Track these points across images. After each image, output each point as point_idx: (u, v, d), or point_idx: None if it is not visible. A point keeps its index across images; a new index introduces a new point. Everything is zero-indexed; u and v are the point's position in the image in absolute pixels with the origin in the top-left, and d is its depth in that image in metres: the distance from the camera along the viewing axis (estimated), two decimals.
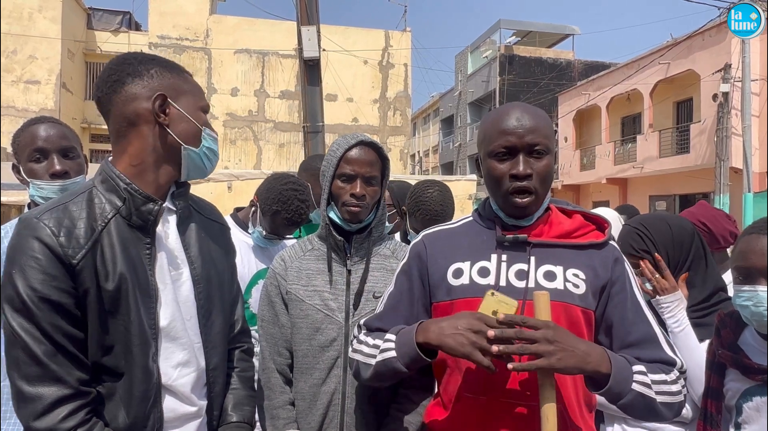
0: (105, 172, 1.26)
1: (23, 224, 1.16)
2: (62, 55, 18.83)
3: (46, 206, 1.20)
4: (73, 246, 1.14)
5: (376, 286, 1.65)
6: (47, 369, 1.11)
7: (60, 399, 1.11)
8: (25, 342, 1.10)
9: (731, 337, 1.54)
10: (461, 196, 13.08)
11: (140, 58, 1.30)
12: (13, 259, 1.13)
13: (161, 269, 1.27)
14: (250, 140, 19.37)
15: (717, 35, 15.95)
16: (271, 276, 1.74)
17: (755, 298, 1.40)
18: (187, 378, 1.29)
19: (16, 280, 1.11)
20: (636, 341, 1.34)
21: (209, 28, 19.19)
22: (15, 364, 1.11)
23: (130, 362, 1.19)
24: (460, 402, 1.35)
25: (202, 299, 1.35)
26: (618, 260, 1.40)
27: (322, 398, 1.61)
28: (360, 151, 1.64)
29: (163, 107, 1.26)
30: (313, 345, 1.63)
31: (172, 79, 1.29)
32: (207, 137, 1.33)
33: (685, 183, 18.07)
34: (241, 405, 1.43)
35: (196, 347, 1.32)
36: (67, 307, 1.13)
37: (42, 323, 1.11)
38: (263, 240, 2.36)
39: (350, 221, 1.65)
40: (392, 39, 20.55)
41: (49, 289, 1.11)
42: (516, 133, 1.33)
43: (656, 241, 1.88)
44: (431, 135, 40.39)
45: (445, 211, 2.49)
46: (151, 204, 1.25)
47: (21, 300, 1.10)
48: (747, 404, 1.46)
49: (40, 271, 1.11)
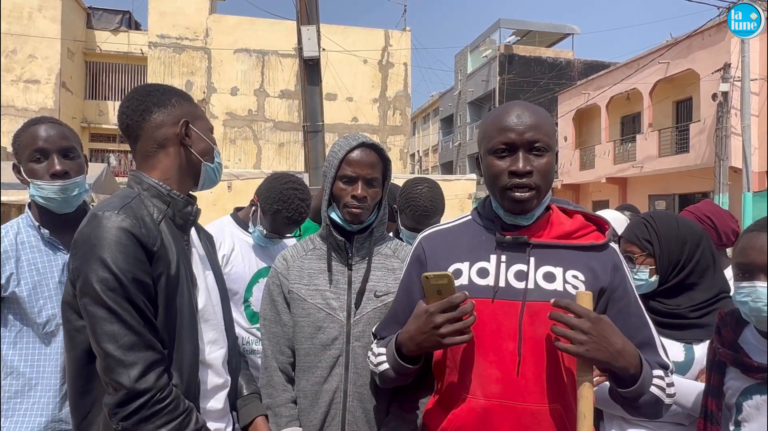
0: (145, 182, 1.45)
1: (102, 218, 1.30)
2: (62, 55, 18.83)
3: (111, 205, 1.34)
4: (151, 236, 1.34)
5: (377, 285, 1.66)
6: (142, 338, 1.27)
7: (154, 362, 1.28)
8: (121, 316, 1.25)
9: (731, 336, 1.55)
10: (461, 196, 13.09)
11: (161, 89, 1.51)
12: (101, 247, 1.27)
13: (195, 262, 1.51)
14: (250, 139, 19.37)
15: (716, 35, 15.95)
16: (274, 276, 1.75)
17: (754, 294, 1.42)
18: (217, 354, 1.50)
19: (110, 264, 1.26)
20: (637, 345, 1.36)
21: (209, 27, 19.19)
22: (111, 337, 1.25)
23: (182, 337, 1.38)
24: (458, 402, 1.35)
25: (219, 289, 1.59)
26: (617, 266, 1.40)
27: (324, 396, 1.62)
28: (361, 153, 1.64)
29: (187, 131, 1.48)
30: (314, 343, 1.64)
31: (188, 107, 1.52)
32: (217, 154, 1.58)
33: (685, 182, 18.08)
34: (251, 382, 1.74)
35: (222, 328, 1.55)
36: (149, 287, 1.32)
37: (135, 298, 1.28)
38: (264, 239, 2.37)
39: (351, 222, 1.66)
40: (392, 38, 20.56)
41: (138, 271, 1.29)
42: (516, 129, 1.32)
43: (660, 233, 1.89)
44: (431, 134, 40.40)
45: (435, 206, 2.48)
46: (190, 206, 1.49)
47: (117, 280, 1.26)
48: (747, 402, 1.47)
49: (131, 255, 1.28)
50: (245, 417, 1.64)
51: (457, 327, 1.26)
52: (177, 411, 1.30)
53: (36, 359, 1.74)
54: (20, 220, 1.85)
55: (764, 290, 1.40)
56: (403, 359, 1.39)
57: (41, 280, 1.75)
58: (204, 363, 1.46)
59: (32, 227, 1.82)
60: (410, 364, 1.39)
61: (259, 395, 1.69)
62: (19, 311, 1.74)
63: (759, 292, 1.41)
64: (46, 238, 1.81)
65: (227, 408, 1.55)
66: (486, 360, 1.31)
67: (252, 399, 1.67)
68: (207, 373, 1.47)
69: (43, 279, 1.75)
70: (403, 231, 2.60)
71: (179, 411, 1.30)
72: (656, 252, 1.89)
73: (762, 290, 1.41)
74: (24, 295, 1.72)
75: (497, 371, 1.31)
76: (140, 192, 1.44)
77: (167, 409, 1.28)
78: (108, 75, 21.45)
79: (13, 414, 1.71)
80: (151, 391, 1.26)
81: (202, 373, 1.45)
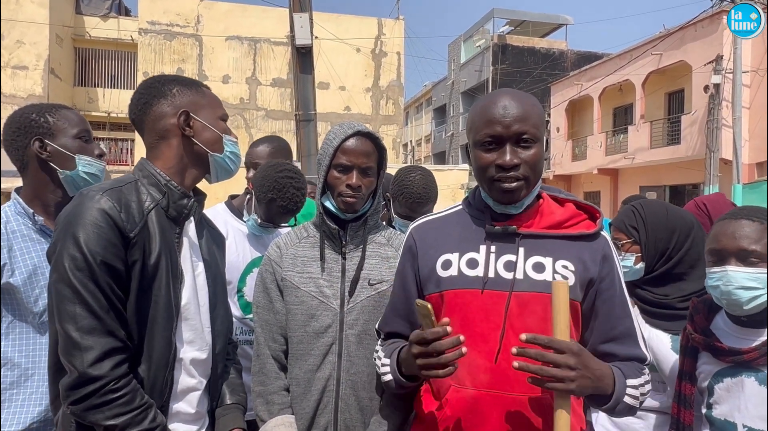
0: (146, 169, 1.45)
1: (86, 197, 1.31)
2: (50, 41, 18.58)
3: (102, 186, 1.36)
4: (131, 221, 1.32)
5: (371, 274, 1.66)
6: (102, 323, 1.26)
7: (111, 350, 1.26)
8: (83, 298, 1.24)
9: (704, 322, 1.61)
10: (453, 186, 13.10)
11: (162, 79, 1.49)
12: (77, 225, 1.27)
13: (185, 257, 1.47)
14: (242, 128, 19.25)
15: (709, 26, 15.99)
16: (267, 263, 1.74)
17: (725, 278, 1.48)
18: (192, 355, 1.46)
19: (81, 242, 1.25)
20: (618, 335, 1.37)
21: (200, 14, 18.99)
22: (71, 318, 1.25)
23: (154, 331, 1.36)
24: (448, 391, 1.36)
25: (211, 292, 1.55)
26: (607, 256, 1.40)
27: (317, 384, 1.63)
28: (356, 142, 1.63)
29: (188, 121, 1.46)
30: (307, 331, 1.64)
31: (191, 96, 1.49)
32: (228, 142, 1.53)
33: (676, 174, 18.19)
34: (237, 391, 1.64)
35: (206, 330, 1.51)
36: (120, 273, 1.30)
37: (101, 282, 1.26)
38: (258, 228, 2.36)
39: (345, 211, 1.65)
40: (385, 27, 20.44)
41: (109, 255, 1.27)
42: (502, 122, 1.31)
43: (647, 221, 1.91)
44: (424, 124, 40.31)
45: (428, 194, 2.50)
46: (186, 199, 1.47)
47: (85, 261, 1.25)
48: (718, 385, 1.54)
49: (104, 238, 1.27)
50: (221, 428, 1.56)
51: (429, 363, 1.22)
52: (131, 405, 1.26)
53: (31, 349, 1.73)
54: (7, 208, 1.82)
55: (735, 274, 1.46)
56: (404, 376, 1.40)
57: (36, 269, 1.73)
58: (178, 361, 1.42)
59: (22, 215, 1.79)
60: (412, 381, 1.41)
61: (241, 406, 1.61)
62: (12, 301, 1.72)
63: (730, 276, 1.47)
64: (39, 226, 1.79)
65: (202, 411, 1.51)
66: (475, 350, 1.30)
67: (232, 409, 1.59)
68: (180, 373, 1.43)
69: (38, 268, 1.73)
70: (396, 219, 2.61)
71: (134, 405, 1.27)
72: (642, 240, 1.90)
73: (733, 274, 1.46)
74: (19, 285, 1.70)
75: (486, 361, 1.31)
76: (139, 178, 1.43)
77: (120, 400, 1.25)
78: (98, 61, 21.20)
79: (10, 405, 1.70)
80: (103, 379, 1.23)
81: (176, 372, 1.42)
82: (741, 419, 1.47)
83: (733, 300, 1.47)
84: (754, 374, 1.47)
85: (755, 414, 1.45)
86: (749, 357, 1.47)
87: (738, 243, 1.48)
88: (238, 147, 1.58)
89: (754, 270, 1.45)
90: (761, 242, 1.46)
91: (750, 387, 1.47)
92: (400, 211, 2.57)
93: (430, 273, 1.41)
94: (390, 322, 1.52)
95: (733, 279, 1.46)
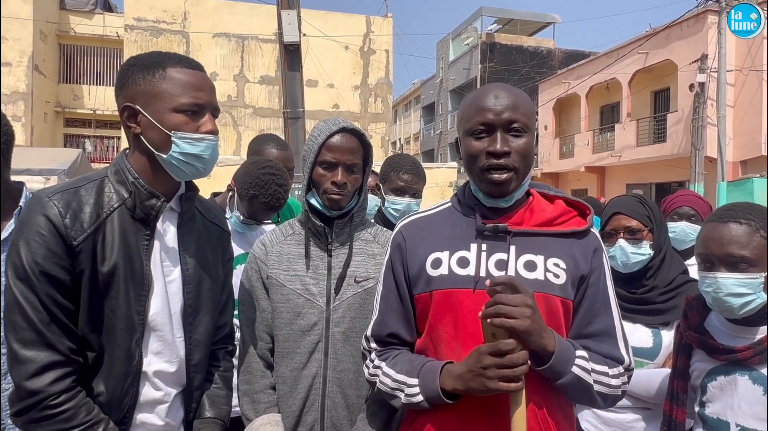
0: (118, 164, 1.35)
1: (35, 201, 1.25)
2: (34, 37, 18.33)
3: (58, 187, 1.28)
4: (77, 228, 1.24)
5: (357, 271, 1.65)
6: (42, 336, 1.20)
7: (51, 364, 1.20)
8: (23, 309, 1.19)
9: (698, 320, 1.61)
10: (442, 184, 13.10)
11: (125, 66, 1.34)
12: (22, 231, 1.22)
13: (155, 262, 1.36)
14: (230, 126, 19.12)
15: (694, 25, 16.16)
16: (252, 261, 1.73)
17: (715, 285, 1.47)
18: (159, 367, 1.37)
19: (22, 251, 1.20)
20: (594, 332, 1.35)
21: (187, 10, 18.81)
22: (12, 328, 1.20)
23: (113, 342, 1.28)
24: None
25: (190, 299, 1.43)
26: (597, 250, 1.39)
27: (303, 382, 1.62)
28: (342, 138, 1.62)
29: (135, 117, 1.31)
30: (293, 329, 1.63)
31: (145, 84, 1.30)
32: (180, 141, 1.29)
33: (662, 171, 18.37)
34: (218, 404, 1.53)
35: (178, 341, 1.40)
36: (64, 282, 1.23)
37: (40, 294, 1.20)
38: (241, 225, 2.34)
39: (331, 208, 1.64)
40: (373, 24, 20.40)
41: (50, 264, 1.21)
42: (494, 110, 1.31)
43: (653, 211, 1.99)
44: (412, 122, 40.33)
45: (418, 170, 2.74)
46: (154, 200, 1.33)
47: (24, 270, 1.20)
48: (711, 383, 1.53)
49: (44, 247, 1.21)
50: None
51: (504, 374, 1.18)
52: (72, 421, 1.21)
53: None
54: None
55: (725, 281, 1.45)
56: (447, 395, 1.29)
57: None
58: (144, 374, 1.35)
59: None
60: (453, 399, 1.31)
61: (220, 421, 1.51)
62: None
63: (720, 283, 1.46)
64: None
65: (174, 423, 1.43)
66: (466, 350, 1.29)
67: (209, 424, 1.49)
68: (146, 385, 1.35)
69: None
70: (387, 201, 2.74)
71: (76, 422, 1.21)
72: (654, 228, 1.95)
73: (722, 281, 1.45)
74: None
75: None
76: (109, 175, 1.35)
77: (60, 416, 1.20)
78: (83, 58, 20.95)
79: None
80: (41, 393, 1.18)
81: (141, 384, 1.34)
82: (734, 418, 1.46)
83: (725, 307, 1.46)
84: (747, 372, 1.46)
85: (748, 412, 1.44)
86: (743, 356, 1.46)
87: (726, 249, 1.45)
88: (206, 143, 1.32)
89: (744, 276, 1.43)
90: (750, 246, 1.44)
91: (743, 385, 1.46)
92: (392, 186, 2.72)
93: (420, 271, 1.39)
94: (389, 324, 1.44)
95: (723, 287, 1.45)
